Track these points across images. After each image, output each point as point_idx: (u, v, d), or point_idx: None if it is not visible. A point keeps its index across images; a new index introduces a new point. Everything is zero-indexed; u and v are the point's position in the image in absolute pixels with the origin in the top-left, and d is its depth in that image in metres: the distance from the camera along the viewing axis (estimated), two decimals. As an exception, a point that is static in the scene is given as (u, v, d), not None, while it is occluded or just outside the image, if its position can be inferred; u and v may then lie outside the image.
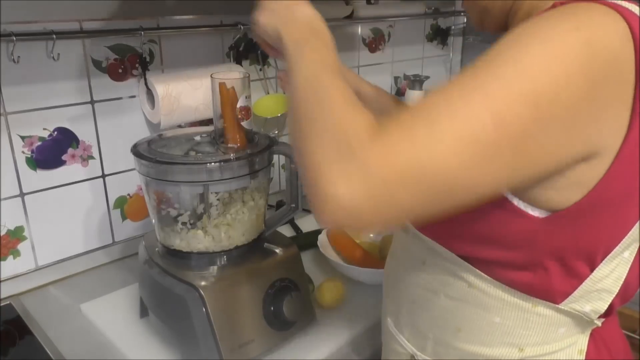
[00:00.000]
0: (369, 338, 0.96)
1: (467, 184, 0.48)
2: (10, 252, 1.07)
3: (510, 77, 0.47)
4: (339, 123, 0.50)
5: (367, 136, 0.48)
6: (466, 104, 0.47)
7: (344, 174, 0.47)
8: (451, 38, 1.99)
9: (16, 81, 0.99)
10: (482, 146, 0.46)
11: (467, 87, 0.48)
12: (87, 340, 0.94)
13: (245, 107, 0.84)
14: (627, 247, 0.59)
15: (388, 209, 0.47)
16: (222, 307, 0.82)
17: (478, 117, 0.46)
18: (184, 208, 0.86)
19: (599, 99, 0.48)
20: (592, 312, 0.62)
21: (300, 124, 0.53)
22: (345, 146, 0.48)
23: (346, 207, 0.47)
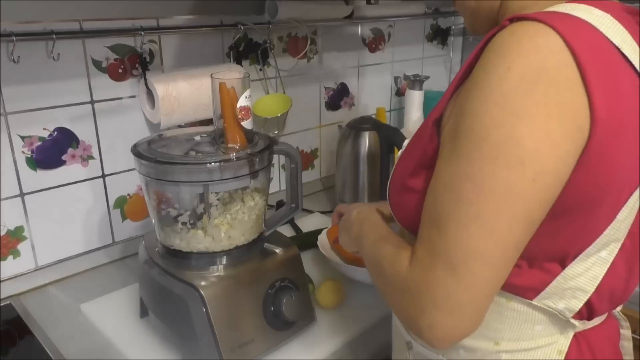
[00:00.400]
0: (369, 338, 0.96)
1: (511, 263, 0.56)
2: (10, 252, 1.07)
3: (471, 149, 0.53)
4: (390, 275, 0.61)
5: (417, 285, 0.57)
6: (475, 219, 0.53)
7: (431, 322, 0.55)
8: (451, 38, 1.99)
9: (16, 81, 0.99)
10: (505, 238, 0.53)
11: (464, 199, 0.53)
12: (87, 340, 0.94)
13: (245, 107, 0.84)
14: (604, 246, 0.60)
15: (480, 315, 0.56)
16: (222, 307, 0.82)
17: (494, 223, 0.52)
18: (184, 208, 0.86)
19: (560, 113, 0.51)
20: (566, 310, 0.62)
21: (377, 287, 0.66)
22: (404, 294, 0.58)
23: (449, 339, 0.56)
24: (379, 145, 1.33)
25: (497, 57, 0.52)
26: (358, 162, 1.34)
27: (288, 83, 1.43)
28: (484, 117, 0.52)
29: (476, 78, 0.54)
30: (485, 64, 0.53)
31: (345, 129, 1.37)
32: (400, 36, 1.76)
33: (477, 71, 0.54)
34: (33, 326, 0.97)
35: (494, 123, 0.51)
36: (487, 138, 0.51)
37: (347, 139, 1.35)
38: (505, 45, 0.53)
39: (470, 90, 0.54)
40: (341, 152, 1.37)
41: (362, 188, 1.36)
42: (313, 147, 1.60)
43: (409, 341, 0.75)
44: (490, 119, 0.51)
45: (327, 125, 1.62)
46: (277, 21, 1.30)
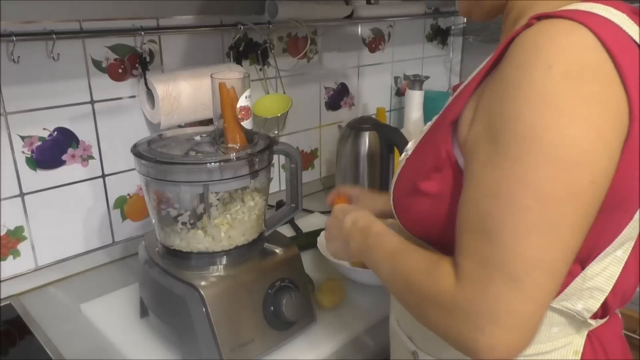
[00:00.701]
0: (368, 338, 0.96)
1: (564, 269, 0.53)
2: (10, 252, 1.07)
3: (522, 153, 0.50)
4: (431, 294, 0.56)
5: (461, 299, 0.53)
6: (519, 211, 0.50)
7: (492, 342, 0.51)
8: (451, 38, 1.99)
9: (16, 81, 0.99)
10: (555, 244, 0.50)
11: (510, 203, 0.50)
12: (87, 340, 0.94)
13: (245, 107, 0.84)
14: (620, 245, 0.59)
15: (539, 326, 0.52)
16: (222, 307, 0.82)
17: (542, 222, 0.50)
18: (184, 208, 0.86)
19: (606, 109, 0.50)
20: (584, 310, 0.62)
21: (406, 305, 0.62)
22: (454, 313, 0.53)
23: (511, 357, 0.52)
24: (379, 145, 1.32)
25: (534, 55, 0.51)
26: (358, 162, 1.34)
27: (288, 83, 1.43)
28: (531, 118, 0.50)
29: (510, 78, 0.52)
30: (520, 63, 0.52)
31: (345, 129, 1.37)
32: (400, 36, 1.76)
33: (509, 70, 0.52)
34: (33, 326, 0.97)
35: (544, 124, 0.49)
36: (540, 140, 0.49)
37: (347, 139, 1.35)
38: (540, 43, 0.51)
39: (505, 90, 0.52)
40: (341, 152, 1.37)
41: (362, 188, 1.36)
42: (313, 147, 1.60)
43: (415, 351, 0.73)
44: (540, 120, 0.49)
45: (327, 125, 1.61)
46: (277, 21, 1.30)
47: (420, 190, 0.62)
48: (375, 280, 1.06)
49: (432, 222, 0.62)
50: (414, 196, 0.63)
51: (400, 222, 0.68)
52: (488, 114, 0.54)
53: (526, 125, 0.50)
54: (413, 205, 0.64)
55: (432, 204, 0.61)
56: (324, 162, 1.65)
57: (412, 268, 0.60)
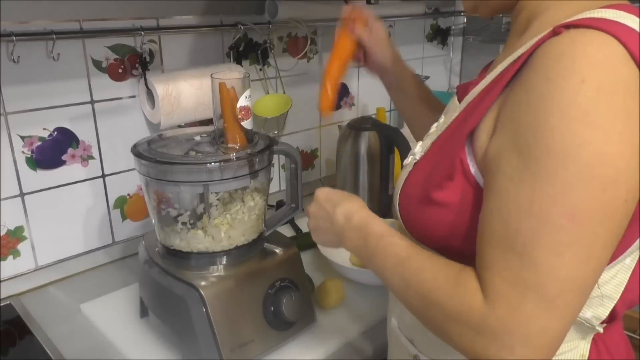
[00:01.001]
0: (368, 338, 0.96)
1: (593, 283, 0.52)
2: (10, 252, 1.07)
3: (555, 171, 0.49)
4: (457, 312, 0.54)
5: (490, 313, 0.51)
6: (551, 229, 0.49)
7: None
8: (451, 38, 1.99)
9: (16, 81, 0.99)
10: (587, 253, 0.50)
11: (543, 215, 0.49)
12: (87, 340, 0.94)
13: (245, 107, 0.84)
14: (630, 254, 0.59)
15: (558, 347, 0.52)
16: (222, 307, 0.82)
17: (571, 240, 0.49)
18: (184, 208, 0.86)
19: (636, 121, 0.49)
20: (593, 318, 0.61)
21: (424, 321, 0.60)
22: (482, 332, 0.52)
23: None
24: (379, 145, 1.33)
25: (565, 67, 0.49)
26: (358, 162, 1.34)
27: (288, 83, 1.43)
28: (565, 134, 0.48)
29: (539, 89, 0.50)
30: (550, 74, 0.50)
31: (345, 129, 1.37)
32: (400, 36, 1.76)
33: (538, 81, 0.51)
34: (33, 326, 0.97)
35: (579, 140, 0.48)
36: (575, 157, 0.48)
37: (347, 139, 1.35)
38: (571, 55, 0.49)
39: (534, 102, 0.51)
40: (341, 152, 1.37)
41: (362, 188, 1.36)
42: (313, 147, 1.60)
43: (416, 354, 0.73)
44: (574, 136, 0.48)
45: (327, 125, 1.61)
46: (277, 21, 1.30)
47: (432, 199, 0.61)
48: (375, 280, 1.06)
49: (444, 232, 0.61)
50: (425, 205, 0.62)
51: (408, 229, 0.67)
52: (514, 125, 0.52)
53: (560, 141, 0.48)
54: (425, 215, 0.63)
55: (445, 214, 0.60)
56: (324, 162, 1.65)
57: (429, 281, 0.58)
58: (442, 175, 0.60)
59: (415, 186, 0.65)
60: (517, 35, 0.64)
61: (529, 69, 0.53)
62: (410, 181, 0.67)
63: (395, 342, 0.80)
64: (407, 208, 0.66)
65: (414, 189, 0.65)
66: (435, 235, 0.63)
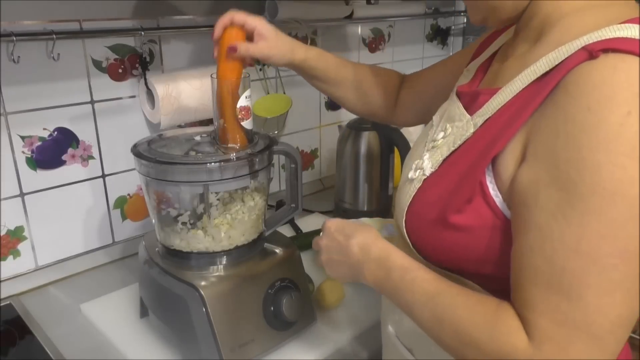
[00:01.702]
0: (369, 338, 0.96)
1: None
2: (10, 252, 1.07)
3: (605, 207, 0.47)
4: (498, 352, 0.53)
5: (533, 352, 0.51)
6: (598, 268, 0.48)
7: None
8: (451, 38, 1.99)
9: (16, 81, 0.99)
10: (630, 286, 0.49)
11: (584, 255, 0.48)
12: (87, 340, 0.94)
13: (245, 107, 0.84)
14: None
15: None
16: (222, 307, 0.82)
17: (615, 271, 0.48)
18: (184, 208, 0.86)
19: None
20: None
21: (458, 358, 0.58)
22: None
23: None
24: (379, 145, 1.33)
25: (608, 99, 0.47)
26: (358, 162, 1.34)
27: (288, 83, 1.43)
28: (613, 170, 0.47)
29: (580, 121, 0.48)
30: (592, 105, 0.48)
31: (345, 129, 1.37)
32: (400, 36, 1.76)
33: (577, 112, 0.48)
34: (33, 326, 0.97)
35: (628, 177, 0.47)
36: (625, 195, 0.47)
37: (347, 139, 1.35)
38: (614, 85, 0.47)
39: (574, 135, 0.48)
40: (341, 152, 1.37)
41: (362, 188, 1.36)
42: (313, 147, 1.60)
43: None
44: (622, 173, 0.46)
45: (327, 125, 1.62)
46: (277, 21, 1.30)
47: (450, 223, 0.59)
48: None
49: (464, 256, 0.60)
50: (442, 229, 0.60)
51: (417, 249, 0.65)
52: (552, 158, 0.50)
53: (608, 177, 0.47)
54: (439, 237, 0.61)
55: (461, 237, 0.58)
56: (324, 162, 1.65)
57: (466, 318, 0.56)
58: (461, 199, 0.58)
59: (428, 206, 0.62)
60: (528, 41, 0.61)
61: (564, 95, 0.50)
62: (421, 200, 0.64)
63: (391, 350, 0.79)
64: (418, 228, 0.64)
65: (427, 210, 0.62)
66: (449, 257, 0.62)
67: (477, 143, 0.59)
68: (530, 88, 0.55)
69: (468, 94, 0.66)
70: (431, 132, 0.72)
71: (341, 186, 1.40)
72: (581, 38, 0.52)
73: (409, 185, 0.67)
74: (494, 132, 0.57)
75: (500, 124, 0.57)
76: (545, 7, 0.59)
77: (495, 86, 0.62)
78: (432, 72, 0.94)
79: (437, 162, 0.64)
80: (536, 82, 0.55)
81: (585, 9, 0.56)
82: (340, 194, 1.41)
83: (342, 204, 1.40)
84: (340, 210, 1.40)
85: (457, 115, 0.66)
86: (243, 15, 0.87)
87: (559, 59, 0.53)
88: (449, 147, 0.64)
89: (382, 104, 0.98)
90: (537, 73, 0.55)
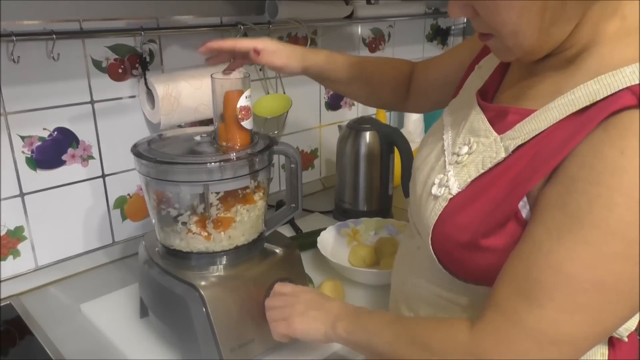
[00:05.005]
0: (369, 338, 0.96)
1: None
2: (10, 252, 1.07)
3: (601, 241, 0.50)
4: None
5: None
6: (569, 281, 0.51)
7: None
8: (451, 38, 1.99)
9: (16, 81, 0.99)
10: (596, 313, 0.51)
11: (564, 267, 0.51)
12: (87, 340, 0.94)
13: (245, 107, 0.84)
14: None
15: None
16: (222, 307, 0.82)
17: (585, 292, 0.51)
18: (184, 208, 0.86)
19: None
20: (624, 330, 0.61)
21: None
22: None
23: None
24: (379, 145, 1.33)
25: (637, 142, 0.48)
26: (358, 162, 1.34)
27: (288, 83, 1.43)
28: (625, 214, 0.49)
29: (609, 162, 0.49)
30: (626, 151, 0.49)
31: (345, 129, 1.37)
32: (400, 36, 1.76)
33: (611, 154, 0.49)
34: (33, 326, 0.97)
35: (634, 221, 0.48)
36: (625, 235, 0.49)
37: (347, 139, 1.35)
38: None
39: (600, 172, 0.50)
40: (341, 152, 1.37)
41: (362, 188, 1.36)
42: (313, 147, 1.60)
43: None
44: (633, 217, 0.48)
45: (327, 125, 1.62)
46: (277, 21, 1.30)
47: (482, 246, 0.59)
48: (375, 280, 1.06)
49: (488, 272, 0.60)
50: (473, 251, 0.60)
51: (446, 268, 0.65)
52: (569, 185, 0.52)
53: (618, 218, 0.49)
54: (471, 259, 0.61)
55: (495, 257, 0.59)
56: (324, 162, 1.65)
57: (422, 330, 0.61)
58: (495, 225, 0.58)
59: (459, 231, 0.62)
60: (559, 60, 0.59)
61: (603, 133, 0.51)
62: (450, 222, 0.63)
63: None
64: (448, 250, 0.64)
65: (457, 234, 0.62)
66: (479, 275, 0.62)
67: (510, 170, 0.59)
68: (569, 121, 0.55)
69: (494, 109, 0.65)
70: (447, 137, 0.70)
71: (341, 186, 1.40)
72: (622, 70, 0.52)
73: (434, 202, 0.65)
74: (529, 161, 0.57)
75: (536, 154, 0.56)
76: (585, 33, 0.57)
77: (522, 104, 0.61)
78: (440, 62, 0.94)
79: (464, 182, 0.63)
80: (576, 116, 0.54)
81: (625, 34, 0.55)
82: (340, 194, 1.41)
83: (342, 204, 1.40)
84: (341, 210, 1.40)
85: (482, 131, 0.64)
86: (246, 41, 0.94)
87: (601, 93, 0.52)
88: (478, 168, 0.62)
89: (394, 95, 0.99)
90: (576, 105, 0.54)
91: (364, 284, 1.08)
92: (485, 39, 0.60)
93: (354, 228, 1.24)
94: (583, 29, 0.56)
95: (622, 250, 0.49)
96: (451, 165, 0.66)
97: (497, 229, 0.58)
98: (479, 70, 0.75)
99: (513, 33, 0.55)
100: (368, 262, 1.12)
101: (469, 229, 0.60)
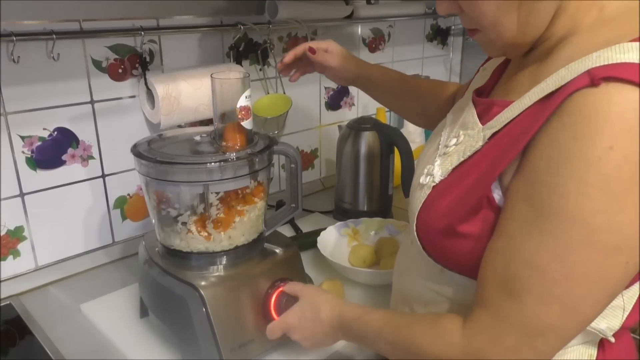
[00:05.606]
0: (369, 338, 0.96)
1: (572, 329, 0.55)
2: (10, 252, 1.07)
3: (562, 231, 0.50)
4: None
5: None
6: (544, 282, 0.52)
7: None
8: (451, 38, 1.99)
9: (16, 81, 0.99)
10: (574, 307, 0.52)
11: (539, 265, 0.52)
12: (87, 340, 0.94)
13: (245, 107, 0.84)
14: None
15: None
16: (222, 307, 0.82)
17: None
18: (184, 208, 0.86)
19: None
20: (607, 329, 0.62)
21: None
22: None
23: None
24: (379, 145, 1.33)
25: (595, 131, 0.48)
26: (358, 162, 1.34)
27: (288, 83, 1.42)
28: (581, 200, 0.49)
29: (563, 149, 0.50)
30: (579, 136, 0.48)
31: (345, 129, 1.37)
32: (400, 36, 1.76)
33: (564, 141, 0.50)
34: (33, 326, 0.97)
35: (594, 208, 0.48)
36: (585, 223, 0.49)
37: (347, 139, 1.35)
38: (604, 117, 0.47)
39: (556, 160, 0.50)
40: (341, 152, 1.37)
41: (362, 188, 1.36)
42: (313, 147, 1.60)
43: None
44: (590, 203, 0.48)
45: (327, 125, 1.62)
46: (277, 21, 1.30)
47: (458, 232, 0.61)
48: (375, 280, 1.06)
49: (474, 261, 0.61)
50: (451, 238, 0.62)
51: (436, 260, 0.66)
52: (532, 176, 0.53)
53: (574, 206, 0.49)
54: (450, 246, 0.62)
55: (473, 245, 0.60)
56: (324, 162, 1.65)
57: (412, 333, 0.63)
58: (468, 210, 0.59)
59: (437, 217, 0.63)
60: (542, 52, 0.61)
61: (558, 119, 0.51)
62: (430, 209, 0.65)
63: None
64: (429, 236, 0.65)
65: (436, 220, 0.63)
66: (460, 263, 0.63)
67: (485, 157, 0.60)
68: (536, 107, 0.56)
69: (484, 102, 0.66)
70: (444, 133, 0.72)
71: (341, 186, 1.40)
72: (588, 57, 0.52)
73: (420, 191, 0.68)
74: (501, 147, 0.58)
75: (507, 140, 0.58)
76: (563, 24, 0.58)
77: (507, 97, 0.62)
78: None
79: (446, 171, 0.65)
80: (542, 101, 0.55)
81: (601, 24, 0.56)
82: (340, 194, 1.41)
83: (342, 204, 1.40)
84: (341, 210, 1.40)
85: (470, 123, 0.66)
86: (315, 42, 1.03)
87: (566, 78, 0.53)
88: (459, 156, 0.64)
89: (439, 115, 1.00)
90: (544, 91, 0.55)
91: (364, 284, 1.08)
92: (473, 34, 0.64)
93: (354, 228, 1.24)
94: (561, 20, 0.58)
95: (585, 238, 0.49)
96: (439, 157, 0.68)
97: (471, 215, 0.59)
98: (483, 71, 0.78)
99: (492, 25, 0.59)
100: (368, 262, 1.12)
101: (446, 215, 0.62)
